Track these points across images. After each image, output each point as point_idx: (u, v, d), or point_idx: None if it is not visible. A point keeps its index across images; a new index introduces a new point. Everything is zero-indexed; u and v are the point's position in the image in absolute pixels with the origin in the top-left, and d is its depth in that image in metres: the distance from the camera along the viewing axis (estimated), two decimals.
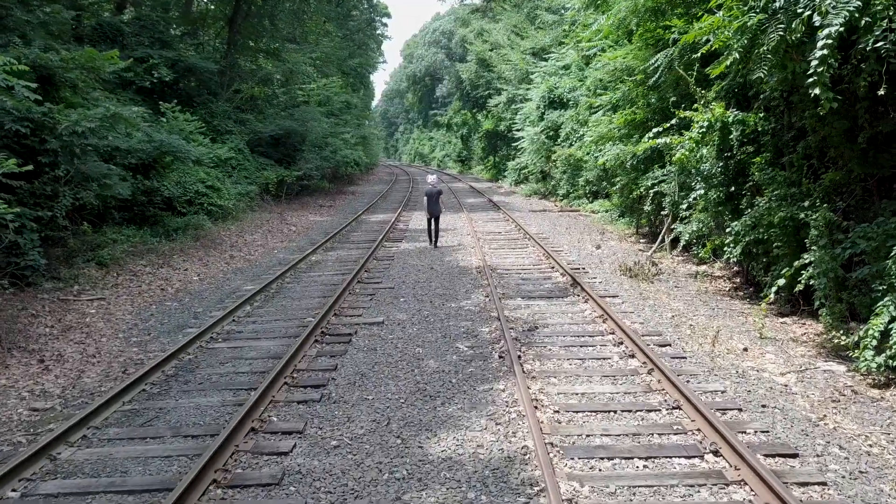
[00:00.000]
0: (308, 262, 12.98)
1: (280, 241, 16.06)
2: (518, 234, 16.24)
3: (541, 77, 28.25)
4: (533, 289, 10.26)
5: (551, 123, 25.80)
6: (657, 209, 13.97)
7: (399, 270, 11.95)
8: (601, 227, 18.03)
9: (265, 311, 9.31)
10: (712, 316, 8.84)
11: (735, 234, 9.28)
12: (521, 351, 7.17)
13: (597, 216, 20.00)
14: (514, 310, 8.98)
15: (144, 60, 20.30)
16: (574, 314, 8.73)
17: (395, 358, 7.08)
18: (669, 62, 11.78)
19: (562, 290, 10.15)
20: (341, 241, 15.77)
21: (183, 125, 15.80)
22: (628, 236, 16.29)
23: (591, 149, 18.36)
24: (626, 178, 15.43)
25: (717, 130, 9.54)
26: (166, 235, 14.09)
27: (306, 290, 10.49)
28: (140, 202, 14.90)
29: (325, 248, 14.64)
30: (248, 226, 17.70)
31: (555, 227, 17.66)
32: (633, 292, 10.07)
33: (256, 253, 14.34)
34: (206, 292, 10.62)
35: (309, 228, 18.55)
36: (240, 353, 7.44)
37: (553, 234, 16.25)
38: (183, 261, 12.76)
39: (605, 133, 15.77)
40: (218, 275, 12.03)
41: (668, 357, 6.95)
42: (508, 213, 20.51)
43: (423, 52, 69.24)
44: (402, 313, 8.93)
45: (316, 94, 33.40)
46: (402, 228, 17.96)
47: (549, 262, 12.34)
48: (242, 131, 23.50)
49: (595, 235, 16.31)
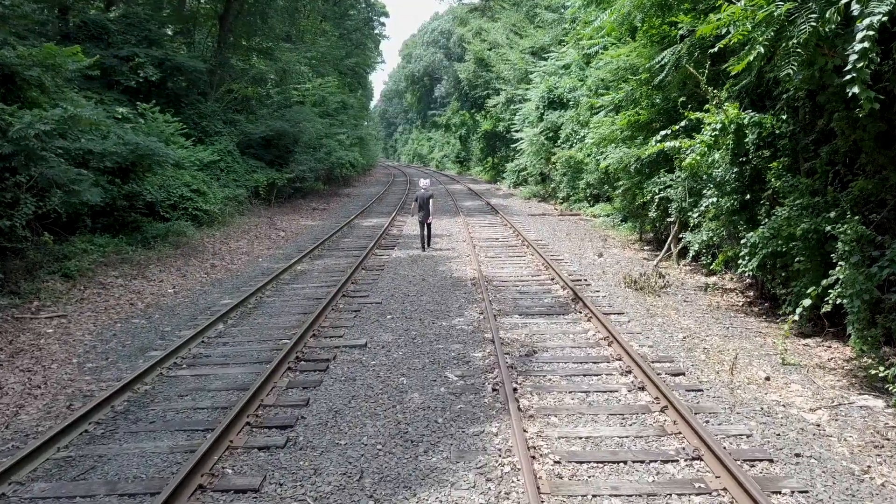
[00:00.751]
0: (293, 273, 12.17)
1: (266, 248, 15.25)
2: (516, 241, 15.43)
3: (540, 77, 27.43)
4: (531, 304, 9.45)
5: (551, 124, 24.99)
6: (663, 215, 13.16)
7: (389, 282, 11.14)
8: (603, 232, 17.22)
9: (239, 330, 8.49)
10: (727, 336, 8.03)
11: (751, 245, 8.47)
12: (518, 382, 6.36)
13: (598, 221, 19.19)
14: (510, 329, 8.17)
15: (130, 59, 19.57)
16: (576, 335, 7.92)
17: (376, 390, 6.27)
18: (677, 60, 10.98)
19: (562, 305, 9.34)
20: (330, 249, 14.96)
21: (163, 126, 14.97)
22: (631, 243, 15.49)
23: (593, 151, 17.55)
24: (629, 182, 14.62)
25: (732, 133, 8.73)
26: (144, 243, 13.28)
27: (286, 306, 9.68)
28: (121, 207, 14.15)
29: (312, 257, 13.83)
30: (235, 231, 16.89)
31: (555, 233, 16.86)
32: (639, 308, 9.26)
33: (239, 262, 13.52)
34: (179, 307, 9.81)
35: (298, 234, 17.74)
36: (203, 382, 6.63)
37: (553, 241, 15.44)
38: (159, 271, 11.95)
39: (607, 135, 14.95)
40: (195, 287, 11.22)
41: (682, 389, 6.14)
42: (507, 217, 19.70)
43: (422, 52, 68.40)
44: (387, 333, 8.12)
45: (311, 94, 32.56)
46: (396, 234, 17.15)
47: (548, 273, 11.54)
48: (232, 132, 22.70)
49: (597, 242, 15.50)
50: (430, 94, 70.03)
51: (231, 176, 20.99)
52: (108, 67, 18.97)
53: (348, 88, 43.67)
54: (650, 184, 13.12)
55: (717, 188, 9.17)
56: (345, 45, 44.50)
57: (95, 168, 12.59)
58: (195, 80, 22.60)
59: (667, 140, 9.78)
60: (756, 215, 8.86)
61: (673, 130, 9.83)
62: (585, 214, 20.97)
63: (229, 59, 24.81)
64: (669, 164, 13.02)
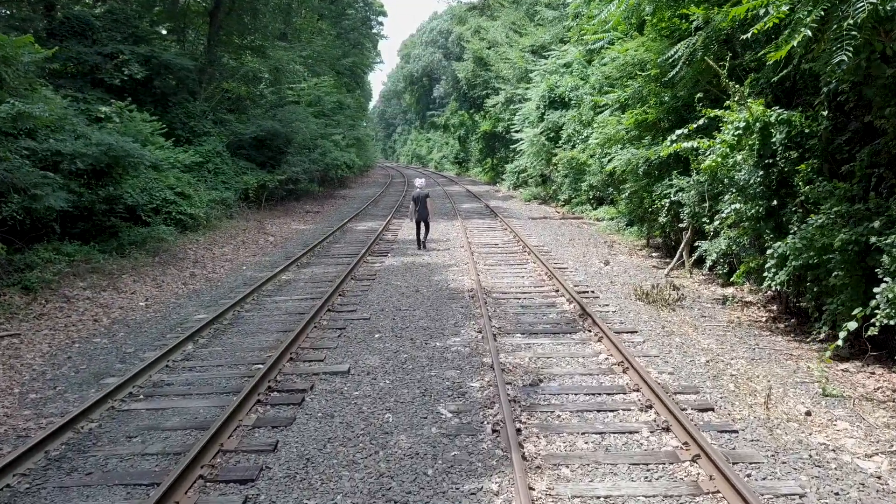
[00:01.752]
0: (276, 283, 11.26)
1: (252, 255, 14.33)
2: (517, 247, 14.52)
3: (541, 76, 26.54)
4: (535, 321, 8.54)
5: (552, 124, 24.10)
6: (673, 221, 12.26)
7: (379, 294, 10.23)
8: (607, 237, 16.32)
9: (209, 351, 7.58)
10: (754, 359, 7.13)
11: (779, 256, 7.59)
12: (522, 420, 5.45)
13: (602, 224, 18.30)
14: (512, 352, 7.26)
15: (115, 56, 18.70)
16: (586, 359, 7.01)
17: (357, 430, 5.36)
18: (691, 53, 10.08)
19: (569, 322, 8.43)
20: (320, 255, 14.04)
21: (140, 126, 14.04)
22: (638, 249, 14.59)
23: (597, 152, 16.65)
24: (636, 185, 13.73)
25: (757, 132, 7.84)
26: (119, 251, 12.37)
27: (265, 322, 8.76)
28: (99, 212, 13.27)
29: (299, 265, 12.91)
30: (221, 237, 15.98)
31: (557, 238, 15.95)
32: (653, 325, 8.36)
33: (221, 270, 12.61)
34: (148, 324, 8.90)
35: (288, 239, 16.83)
36: (159, 419, 5.72)
37: (556, 247, 14.53)
38: (133, 281, 11.04)
39: (612, 135, 14.06)
40: (169, 299, 10.31)
41: (713, 430, 5.23)
42: (506, 221, 18.80)
43: (421, 51, 67.51)
44: (374, 356, 7.21)
45: (306, 94, 31.66)
46: (390, 239, 16.24)
47: (552, 284, 10.63)
48: (222, 133, 21.79)
49: (602, 248, 14.59)
50: (428, 95, 69.14)
51: (219, 178, 20.08)
52: (92, 65, 18.14)
53: (346, 89, 42.77)
54: (660, 187, 12.23)
55: (739, 193, 8.26)
56: (342, 45, 43.64)
57: (67, 171, 11.72)
58: (183, 79, 21.71)
59: (682, 140, 8.88)
60: (784, 223, 7.96)
61: (689, 130, 8.93)
62: (588, 218, 20.08)
63: (220, 57, 23.90)
64: (682, 165, 12.14)
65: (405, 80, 73.66)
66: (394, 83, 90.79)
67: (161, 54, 19.75)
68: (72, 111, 12.15)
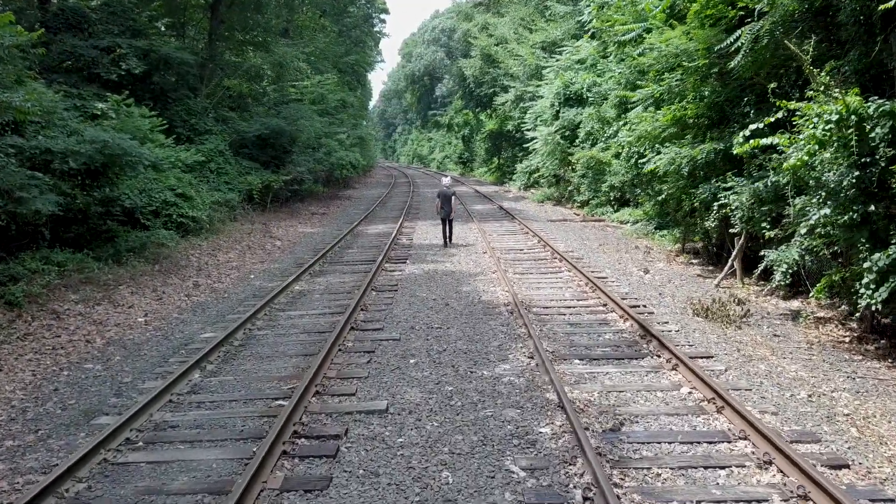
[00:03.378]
0: (290, 295, 10.14)
1: (260, 262, 13.20)
2: (544, 253, 13.41)
3: (554, 72, 25.47)
4: (590, 342, 7.44)
5: (567, 122, 23.03)
6: (722, 225, 11.17)
7: (405, 308, 9.12)
8: (637, 241, 15.24)
9: (220, 381, 6.46)
10: (860, 392, 6.04)
11: (879, 271, 6.51)
12: (616, 481, 4.35)
13: (628, 228, 17.21)
14: (576, 384, 6.16)
15: (111, 50, 17.59)
16: (666, 394, 5.91)
17: (411, 498, 4.25)
18: (754, 38, 8.99)
19: (630, 343, 7.34)
20: (333, 262, 12.92)
21: (138, 122, 12.88)
22: (675, 255, 13.49)
23: (628, 150, 15.55)
24: (673, 186, 12.64)
25: (853, 127, 6.75)
26: (115, 258, 11.24)
27: (282, 343, 7.65)
28: (95, 215, 12.18)
29: (312, 273, 11.79)
30: (225, 241, 14.84)
31: (584, 243, 14.85)
32: (726, 347, 7.27)
33: (227, 279, 11.48)
34: (149, 344, 7.77)
35: (296, 243, 15.70)
36: (162, 477, 4.61)
37: (586, 252, 13.43)
38: (130, 293, 9.90)
39: (648, 132, 12.97)
40: (172, 314, 9.18)
41: (864, 500, 4.13)
42: (525, 223, 17.70)
43: (422, 50, 66.43)
44: (413, 389, 6.10)
45: (310, 91, 30.52)
46: (406, 244, 15.12)
47: (596, 296, 9.53)
48: (224, 131, 20.66)
49: (636, 254, 13.50)
50: (430, 94, 68.09)
51: (222, 178, 18.95)
52: (87, 59, 17.04)
53: (348, 87, 41.69)
54: (705, 188, 11.14)
55: (831, 196, 7.15)
56: (344, 42, 42.55)
57: (58, 171, 10.61)
58: (184, 74, 20.58)
59: (759, 136, 7.79)
60: (881, 231, 6.87)
61: (767, 124, 7.84)
62: (611, 220, 18.99)
63: (221, 53, 22.75)
64: (733, 165, 11.06)
65: (406, 80, 72.59)
66: (394, 82, 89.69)
67: (160, 48, 18.63)
68: (62, 106, 10.98)
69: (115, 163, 10.93)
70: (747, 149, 8.06)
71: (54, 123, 11.02)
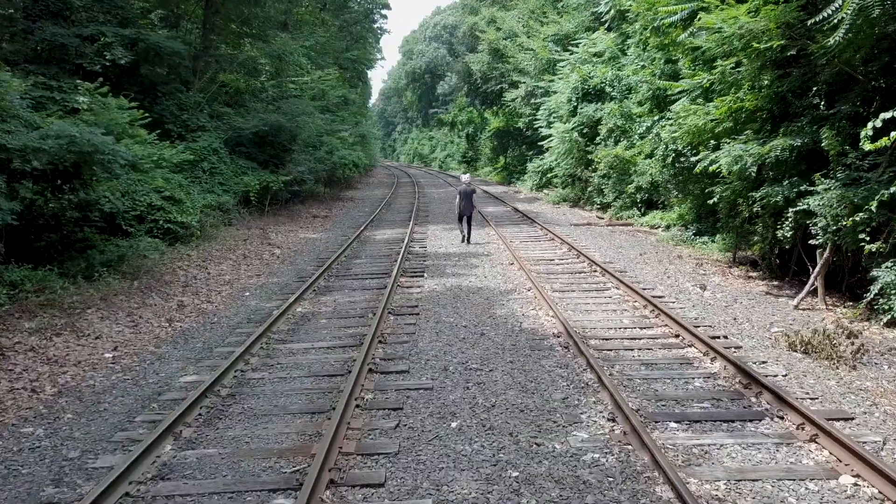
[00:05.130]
0: (291, 320, 8.39)
1: (256, 275, 11.44)
2: (580, 264, 11.68)
3: (570, 66, 23.73)
4: (680, 393, 5.71)
5: (586, 119, 21.30)
6: (797, 234, 9.46)
7: (432, 339, 7.38)
8: (675, 249, 13.53)
9: (199, 458, 4.71)
10: None
11: None
12: None
13: (661, 233, 15.51)
14: (687, 466, 4.42)
15: (96, 39, 15.88)
16: (822, 486, 4.17)
17: None
18: (859, 9, 7.26)
19: (733, 395, 5.60)
20: (340, 276, 11.17)
21: (115, 115, 11.08)
22: (726, 266, 11.78)
23: (664, 148, 13.83)
24: (728, 188, 10.93)
25: None
26: (86, 274, 9.48)
27: (282, 393, 5.91)
28: (71, 220, 10.49)
29: (317, 290, 10.04)
30: (218, 249, 13.09)
31: (620, 251, 13.13)
32: (857, 399, 5.55)
33: (219, 298, 9.72)
34: (112, 394, 6.03)
35: (297, 251, 13.93)
36: None
37: (627, 263, 11.72)
38: (100, 318, 8.15)
39: (699, 127, 11.24)
40: (148, 346, 7.43)
41: None
42: (547, 227, 15.97)
43: (424, 47, 64.63)
44: (464, 475, 4.36)
45: (310, 87, 28.70)
46: (420, 252, 13.36)
47: (662, 322, 7.80)
48: (219, 127, 18.90)
49: (681, 264, 11.78)
50: (431, 92, 66.29)
51: (217, 179, 17.20)
52: (68, 48, 15.32)
53: (349, 84, 39.93)
54: (776, 191, 9.42)
55: None
56: (344, 38, 40.80)
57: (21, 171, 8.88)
58: (175, 66, 18.80)
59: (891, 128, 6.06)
60: None
61: None
62: (639, 224, 17.26)
63: (216, 44, 20.93)
64: (810, 164, 9.37)
65: (407, 77, 70.76)
66: (395, 80, 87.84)
67: (148, 36, 16.83)
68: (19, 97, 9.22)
69: (86, 162, 9.15)
70: (885, 143, 6.32)
71: (16, 115, 9.27)
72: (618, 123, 19.41)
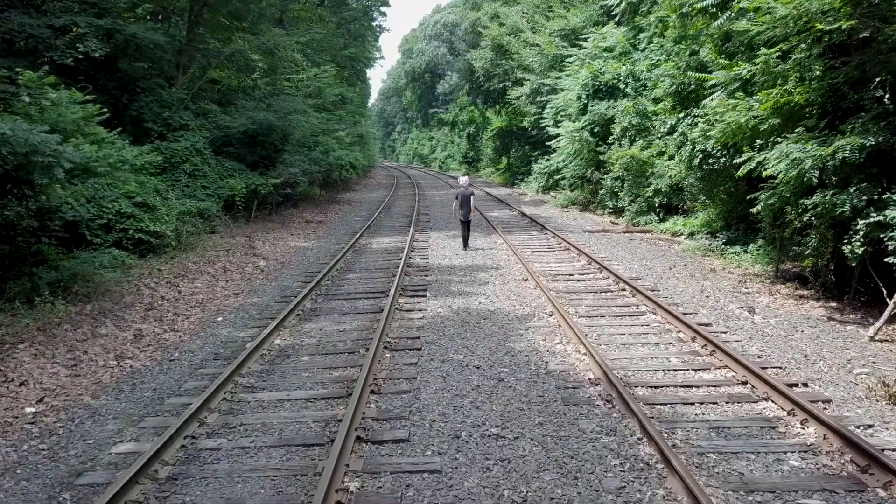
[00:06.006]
0: (266, 356, 6.87)
1: (234, 293, 9.91)
2: (604, 280, 10.16)
3: (580, 61, 22.21)
4: (773, 479, 4.18)
5: (598, 117, 19.77)
6: (868, 251, 7.95)
7: (438, 389, 5.86)
8: (704, 260, 12.02)
9: None
10: None
11: None
12: None
13: (685, 242, 13.99)
14: None
15: (68, 30, 14.40)
16: None
17: None
18: None
19: (850, 484, 4.08)
20: (330, 295, 9.64)
21: (63, 110, 9.50)
22: (768, 280, 10.26)
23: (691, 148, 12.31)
24: (775, 195, 9.41)
25: None
26: (26, 298, 7.96)
27: (239, 480, 4.37)
28: (26, 231, 9.08)
29: (301, 314, 8.51)
30: (195, 262, 11.57)
31: (645, 263, 11.62)
32: None
33: (185, 325, 8.19)
34: (15, 474, 4.50)
35: (284, 264, 12.40)
36: None
37: (657, 279, 10.21)
38: (32, 356, 6.62)
39: (741, 124, 9.73)
40: (82, 398, 5.90)
41: None
42: (559, 235, 14.45)
43: (423, 46, 63.06)
44: None
45: (305, 85, 27.17)
46: (421, 265, 11.84)
47: (720, 362, 6.28)
48: (204, 126, 17.37)
49: (718, 280, 10.27)
50: (431, 91, 64.76)
51: (199, 182, 15.68)
52: (38, 40, 13.87)
53: (347, 83, 38.39)
54: (842, 199, 7.92)
55: None
56: (343, 35, 39.27)
57: None
58: (157, 60, 17.29)
59: None
60: None
61: None
62: (658, 231, 15.74)
63: (205, 38, 19.36)
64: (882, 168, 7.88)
65: (406, 77, 69.20)
66: (394, 80, 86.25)
67: (125, 27, 15.30)
68: None
69: (21, 165, 7.61)
70: None
71: None
72: (633, 122, 17.90)
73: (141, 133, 16.04)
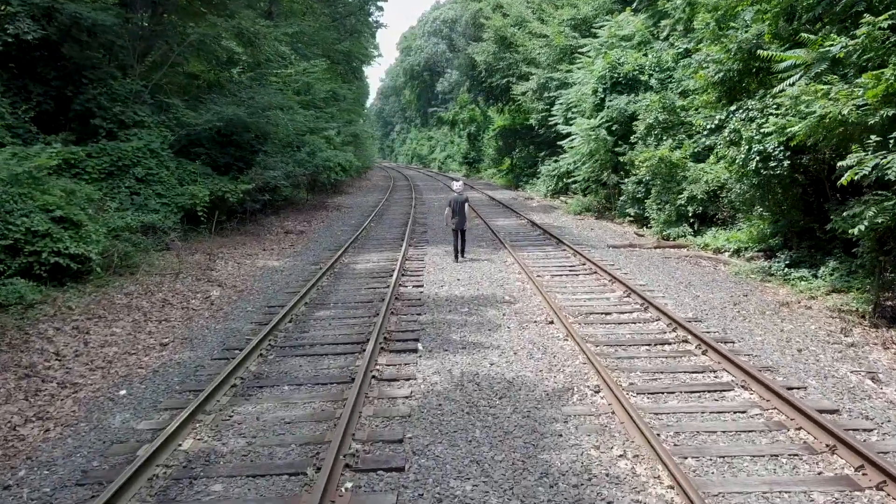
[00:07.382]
0: (159, 478, 4.26)
1: (159, 345, 7.29)
2: (653, 322, 7.56)
3: (595, 51, 19.63)
4: None
5: (617, 113, 17.20)
6: None
7: None
8: (766, 288, 9.45)
9: None
10: None
11: None
12: None
13: (734, 263, 11.40)
14: None
15: None
16: None
17: None
18: None
19: None
20: (288, 348, 7.04)
21: None
22: (862, 319, 7.66)
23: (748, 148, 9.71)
24: (889, 214, 6.84)
25: None
26: None
27: None
28: None
29: (239, 384, 5.91)
30: (127, 292, 8.98)
31: (696, 295, 9.02)
32: None
33: (65, 407, 5.58)
34: None
35: (243, 293, 9.79)
36: None
37: (722, 322, 7.61)
38: None
39: (842, 116, 7.13)
40: None
41: None
42: (581, 251, 11.86)
43: (423, 43, 60.45)
44: None
45: (293, 80, 24.55)
46: (414, 296, 9.22)
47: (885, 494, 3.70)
48: (164, 123, 14.78)
49: (801, 321, 7.67)
50: (431, 90, 62.14)
51: (153, 189, 13.08)
52: None
53: (341, 79, 35.79)
54: None
55: None
56: (337, 29, 36.67)
57: None
58: (109, 46, 14.73)
59: None
60: None
61: None
62: (697, 246, 13.12)
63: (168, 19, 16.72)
64: None
65: (405, 75, 66.57)
66: (392, 79, 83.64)
67: (66, 6, 12.67)
68: None
69: None
70: None
71: None
72: (659, 118, 15.31)
73: (88, 131, 13.48)
